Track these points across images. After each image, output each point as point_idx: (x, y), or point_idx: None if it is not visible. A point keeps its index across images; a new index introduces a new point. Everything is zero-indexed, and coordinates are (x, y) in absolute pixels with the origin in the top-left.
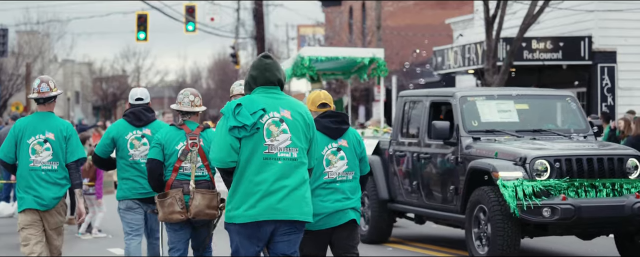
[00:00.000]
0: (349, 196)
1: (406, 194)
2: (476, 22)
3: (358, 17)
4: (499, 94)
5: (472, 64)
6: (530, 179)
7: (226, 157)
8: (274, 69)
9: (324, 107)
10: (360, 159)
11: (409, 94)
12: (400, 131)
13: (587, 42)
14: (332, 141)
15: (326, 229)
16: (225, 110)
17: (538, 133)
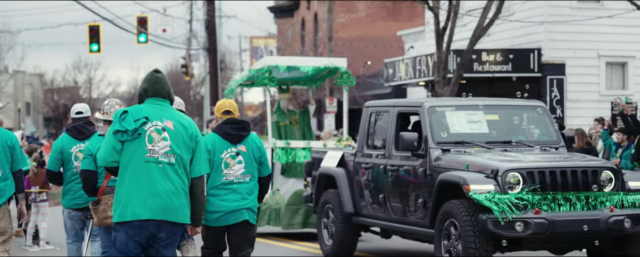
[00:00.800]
0: (246, 196)
1: (372, 207)
2: (427, 34)
3: (310, 29)
4: (469, 105)
5: (423, 75)
6: (503, 192)
7: (108, 157)
8: (164, 82)
9: (228, 114)
10: (260, 163)
11: (375, 104)
12: (365, 142)
13: (537, 55)
14: (232, 145)
15: (223, 226)
16: (114, 116)
17: (508, 144)
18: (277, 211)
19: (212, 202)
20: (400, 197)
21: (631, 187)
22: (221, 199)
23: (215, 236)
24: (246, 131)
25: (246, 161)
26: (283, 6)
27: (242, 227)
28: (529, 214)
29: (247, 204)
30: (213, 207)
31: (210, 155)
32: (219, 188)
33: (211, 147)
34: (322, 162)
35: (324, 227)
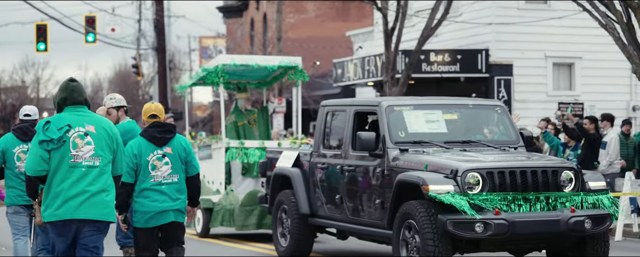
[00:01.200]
0: (174, 197)
1: (328, 208)
2: (376, 34)
3: (259, 29)
4: (427, 104)
5: (372, 76)
6: (462, 192)
7: (37, 166)
8: (80, 90)
9: (154, 118)
10: (186, 162)
11: (331, 103)
12: (322, 142)
13: (484, 55)
14: (158, 148)
15: (153, 227)
16: (38, 127)
17: (467, 144)
18: (231, 211)
19: (142, 203)
20: (357, 197)
21: (591, 187)
22: (151, 200)
23: (146, 237)
24: (171, 133)
25: (172, 162)
26: (232, 6)
27: (171, 227)
28: (488, 215)
29: (176, 205)
30: (143, 207)
31: (136, 158)
32: (148, 190)
33: (137, 151)
34: (277, 162)
35: (279, 228)
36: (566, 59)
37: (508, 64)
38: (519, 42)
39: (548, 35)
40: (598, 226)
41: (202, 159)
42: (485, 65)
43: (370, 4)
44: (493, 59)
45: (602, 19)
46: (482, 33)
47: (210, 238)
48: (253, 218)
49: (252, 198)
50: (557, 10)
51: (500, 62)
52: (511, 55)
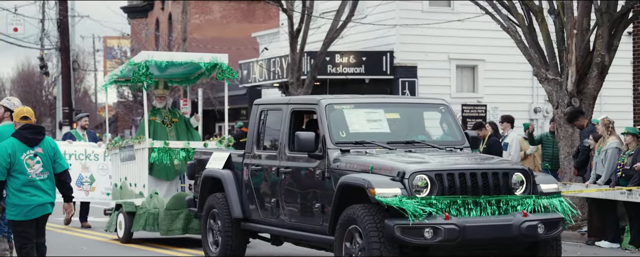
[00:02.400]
0: (49, 192)
1: (263, 212)
2: (281, 36)
3: (164, 30)
4: (369, 102)
5: (278, 77)
6: (410, 195)
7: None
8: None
9: (26, 120)
10: (54, 161)
11: (266, 101)
12: (256, 142)
13: (389, 57)
14: (30, 148)
15: (32, 219)
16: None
17: (411, 145)
18: (155, 215)
19: (23, 198)
20: (295, 201)
21: (543, 190)
22: (30, 195)
23: (28, 228)
24: (41, 135)
25: (44, 161)
26: (137, 6)
27: (45, 218)
28: (438, 220)
29: (50, 198)
30: (24, 202)
31: (10, 158)
32: (26, 186)
33: (11, 151)
34: (206, 163)
35: (209, 233)
36: (469, 62)
37: (412, 66)
38: (423, 44)
39: (451, 38)
40: (551, 231)
41: (124, 160)
42: (390, 67)
43: (276, 5)
44: (397, 60)
45: (504, 22)
46: (386, 35)
47: (133, 243)
48: (179, 222)
49: (178, 201)
50: (460, 13)
51: (405, 64)
52: (415, 57)
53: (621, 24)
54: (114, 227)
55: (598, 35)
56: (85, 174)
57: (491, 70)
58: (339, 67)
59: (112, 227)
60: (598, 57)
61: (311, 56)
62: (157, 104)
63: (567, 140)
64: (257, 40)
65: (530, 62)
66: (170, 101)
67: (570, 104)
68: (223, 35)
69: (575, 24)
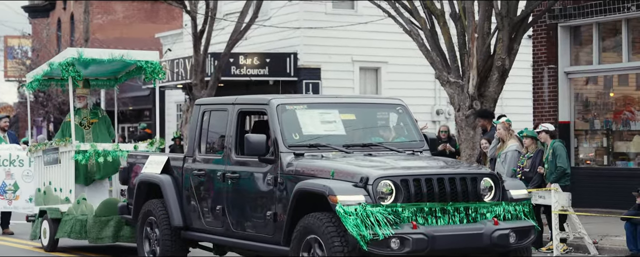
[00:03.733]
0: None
1: (206, 220)
2: (185, 36)
3: (66, 29)
4: (323, 102)
5: (181, 78)
6: (374, 203)
7: None
8: None
9: None
10: None
11: (209, 101)
12: (197, 145)
13: (293, 59)
14: None
15: None
16: None
17: (368, 148)
18: (83, 222)
19: None
20: (243, 209)
21: (513, 196)
22: None
23: None
24: None
25: None
26: (38, 6)
27: None
28: (405, 229)
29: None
30: None
31: None
32: None
33: None
34: (142, 168)
35: (145, 242)
36: (372, 64)
37: (316, 68)
38: (327, 47)
39: (355, 40)
40: (522, 240)
41: (48, 164)
42: (294, 69)
43: (179, 6)
44: (301, 62)
45: (407, 25)
46: (290, 37)
47: (59, 252)
48: (109, 230)
49: (108, 208)
50: (363, 16)
51: (309, 66)
52: (319, 59)
53: (521, 28)
54: (38, 235)
55: (499, 39)
56: (8, 182)
57: (394, 73)
58: (243, 69)
59: (36, 235)
60: (499, 61)
61: (215, 57)
62: (77, 104)
63: (469, 142)
64: (161, 41)
65: (432, 65)
66: (91, 101)
67: (471, 106)
68: (126, 35)
69: (476, 27)
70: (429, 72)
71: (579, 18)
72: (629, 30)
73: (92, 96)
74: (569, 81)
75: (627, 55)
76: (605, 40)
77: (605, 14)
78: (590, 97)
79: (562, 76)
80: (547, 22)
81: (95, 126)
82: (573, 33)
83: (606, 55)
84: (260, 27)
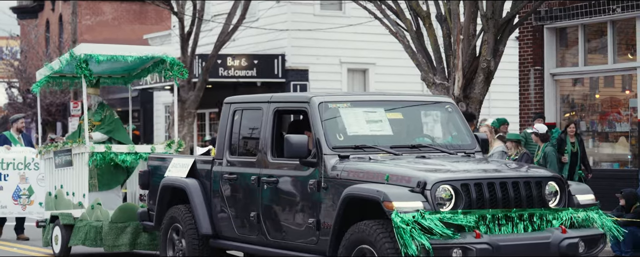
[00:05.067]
0: None
1: (239, 228)
2: (173, 38)
3: (55, 31)
4: (367, 100)
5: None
6: (433, 210)
7: None
8: None
9: None
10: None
11: (241, 99)
12: (228, 147)
13: (281, 60)
14: None
15: None
16: None
17: (417, 149)
18: (98, 229)
19: None
20: (281, 215)
21: (580, 201)
22: None
23: None
24: None
25: None
26: (26, 7)
27: None
28: (468, 238)
29: None
30: None
31: None
32: None
33: None
34: (166, 171)
35: (169, 251)
36: (360, 65)
37: (304, 69)
38: (315, 48)
39: (343, 42)
40: (591, 249)
41: (59, 166)
42: (282, 71)
43: (166, 7)
44: (289, 64)
45: (393, 26)
46: (278, 38)
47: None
48: (125, 237)
49: (125, 214)
50: (351, 17)
51: (296, 68)
52: (307, 61)
53: (506, 30)
54: (49, 241)
55: (484, 40)
56: (23, 186)
57: (382, 74)
58: (230, 70)
59: (48, 241)
60: (484, 62)
61: (202, 59)
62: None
63: None
64: (149, 42)
65: (418, 67)
66: (95, 101)
67: None
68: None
69: (461, 29)
70: (416, 73)
71: (564, 20)
72: (615, 31)
73: (98, 96)
74: (555, 83)
75: (613, 57)
76: (591, 42)
77: (591, 16)
78: (576, 99)
79: (548, 78)
80: (533, 24)
81: (98, 129)
82: (559, 35)
83: (592, 56)
84: (248, 29)
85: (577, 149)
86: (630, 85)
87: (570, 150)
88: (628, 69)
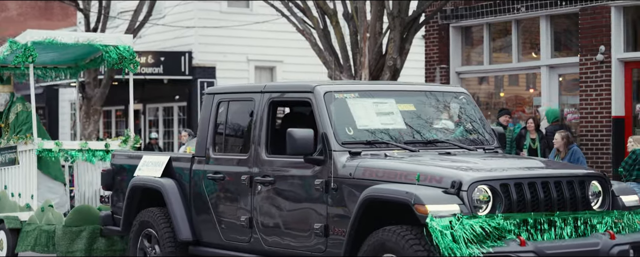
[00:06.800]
0: None
1: (225, 233)
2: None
3: None
4: (376, 89)
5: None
6: (471, 214)
7: None
8: None
9: None
10: None
11: (226, 90)
12: (211, 143)
13: (188, 58)
14: None
15: None
16: None
17: (433, 145)
18: (50, 233)
19: None
20: (279, 220)
21: (625, 203)
22: None
23: None
24: None
25: None
26: None
27: None
28: (511, 246)
29: None
30: None
31: None
32: None
33: None
34: (136, 170)
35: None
36: (267, 63)
37: (211, 67)
38: (222, 45)
39: (250, 39)
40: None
41: (3, 165)
42: (189, 68)
43: (71, 4)
44: (196, 61)
45: (300, 24)
46: (185, 35)
47: None
48: (81, 242)
49: (79, 217)
50: (258, 15)
51: (204, 65)
52: (214, 58)
53: (413, 28)
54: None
55: (390, 38)
56: None
57: (289, 72)
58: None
59: None
60: (390, 60)
61: None
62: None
63: None
64: None
65: (325, 65)
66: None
67: None
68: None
69: (368, 27)
70: (323, 71)
71: (470, 18)
72: (519, 31)
73: (11, 91)
74: (461, 81)
75: (517, 56)
76: (495, 41)
77: (496, 15)
78: (482, 97)
79: (453, 76)
80: (438, 23)
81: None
82: (464, 33)
83: (497, 55)
84: (155, 26)
85: (536, 146)
86: (534, 83)
87: (530, 146)
88: (532, 67)
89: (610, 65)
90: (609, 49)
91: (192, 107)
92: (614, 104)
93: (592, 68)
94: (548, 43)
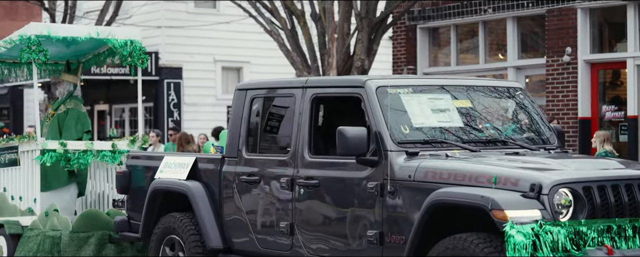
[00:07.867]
0: None
1: (262, 241)
2: None
3: None
4: (429, 84)
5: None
6: (553, 220)
7: None
8: None
9: None
10: None
11: (262, 85)
12: (244, 143)
13: (154, 58)
14: None
15: None
16: None
17: (494, 145)
18: (55, 239)
19: None
20: (326, 226)
21: None
22: None
23: None
24: None
25: None
26: None
27: None
28: (598, 255)
29: None
30: None
31: None
32: None
33: None
34: (156, 172)
35: None
36: (235, 64)
37: (178, 67)
38: (189, 46)
39: (217, 40)
40: None
41: (4, 166)
42: (155, 68)
43: (37, 3)
44: (163, 62)
45: (267, 25)
46: (152, 36)
47: None
48: (89, 249)
49: (88, 222)
50: (225, 15)
51: (170, 65)
52: (181, 59)
53: (380, 29)
54: None
55: (358, 39)
56: None
57: (256, 73)
58: (103, 67)
59: None
60: (358, 61)
61: None
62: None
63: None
64: None
65: (292, 65)
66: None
67: None
68: None
69: (336, 28)
70: (290, 72)
71: (437, 20)
72: (486, 32)
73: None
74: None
75: (484, 57)
76: (463, 42)
77: (463, 16)
78: None
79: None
80: (406, 24)
81: (54, 120)
82: (432, 34)
83: (464, 56)
84: (121, 26)
85: None
86: None
87: None
88: (499, 68)
89: (576, 67)
90: (576, 50)
91: (158, 108)
92: (581, 105)
93: (558, 69)
94: (515, 44)
